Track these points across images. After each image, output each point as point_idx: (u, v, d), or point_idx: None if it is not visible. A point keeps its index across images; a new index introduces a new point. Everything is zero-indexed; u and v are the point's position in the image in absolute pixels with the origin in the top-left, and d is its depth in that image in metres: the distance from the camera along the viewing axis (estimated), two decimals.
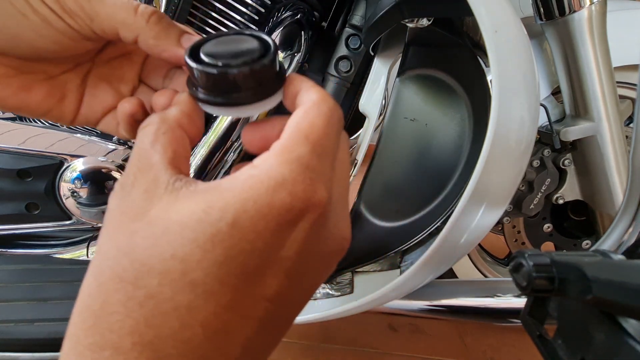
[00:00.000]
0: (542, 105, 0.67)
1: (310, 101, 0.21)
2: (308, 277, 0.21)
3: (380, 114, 0.68)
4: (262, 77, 0.22)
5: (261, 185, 0.17)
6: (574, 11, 0.59)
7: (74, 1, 0.23)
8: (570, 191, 0.71)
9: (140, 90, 0.30)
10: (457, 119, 0.57)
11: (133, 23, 0.25)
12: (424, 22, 0.54)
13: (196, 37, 0.26)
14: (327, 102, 0.21)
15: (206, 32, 0.66)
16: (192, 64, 0.22)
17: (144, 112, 0.27)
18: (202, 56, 0.22)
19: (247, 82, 0.22)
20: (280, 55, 0.22)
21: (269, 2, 0.67)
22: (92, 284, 0.19)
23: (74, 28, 0.24)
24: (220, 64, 0.22)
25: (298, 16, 0.66)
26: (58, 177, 0.62)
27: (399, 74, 0.59)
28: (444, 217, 0.55)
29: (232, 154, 0.67)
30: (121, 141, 0.65)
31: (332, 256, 0.22)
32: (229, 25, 0.66)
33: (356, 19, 0.68)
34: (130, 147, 0.65)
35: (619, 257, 0.24)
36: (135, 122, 0.27)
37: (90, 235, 0.70)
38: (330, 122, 0.20)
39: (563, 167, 0.70)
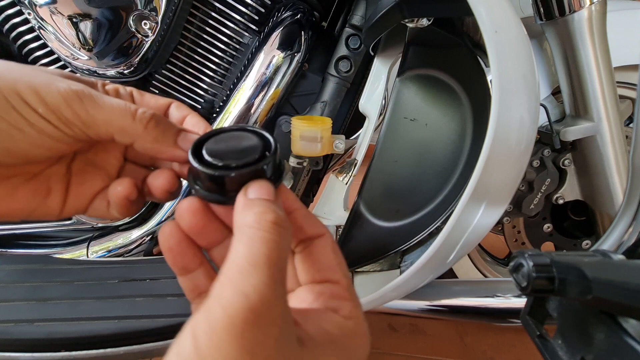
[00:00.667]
0: (542, 105, 0.67)
1: (334, 250, 0.25)
2: None
3: (380, 114, 0.68)
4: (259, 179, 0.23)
5: (365, 338, 0.23)
6: (574, 11, 0.59)
7: (71, 111, 0.22)
8: (570, 191, 0.71)
9: (127, 168, 0.29)
10: (457, 119, 0.57)
11: (131, 129, 0.24)
12: (424, 22, 0.53)
13: (193, 136, 0.26)
14: None
15: (206, 32, 0.66)
16: (196, 165, 0.23)
17: (138, 191, 0.26)
18: (205, 154, 0.23)
19: (244, 183, 0.23)
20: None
21: (269, 2, 0.67)
22: None
23: (70, 135, 0.23)
24: (220, 164, 0.22)
25: (298, 16, 0.66)
26: None
27: (399, 74, 0.59)
28: (444, 217, 0.55)
29: None
30: None
31: None
32: (229, 25, 0.66)
33: (356, 19, 0.68)
34: None
35: (619, 257, 0.24)
36: (130, 202, 0.26)
37: (90, 235, 0.70)
38: None
39: (563, 167, 0.69)
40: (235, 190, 0.23)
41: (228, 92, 0.68)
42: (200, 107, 0.71)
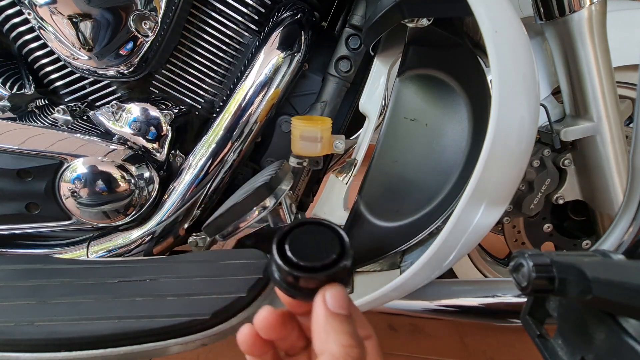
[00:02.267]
0: (542, 105, 0.67)
1: (379, 354, 0.26)
2: None
3: (380, 114, 0.68)
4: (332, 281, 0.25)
5: None
6: (574, 11, 0.59)
7: None
8: (570, 191, 0.71)
9: None
10: (457, 119, 0.57)
11: None
12: (424, 22, 0.53)
13: None
14: None
15: (206, 32, 0.66)
16: (279, 262, 0.25)
17: None
18: (287, 250, 0.25)
19: (322, 284, 0.25)
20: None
21: (269, 2, 0.67)
22: None
23: None
24: (302, 263, 0.25)
25: (298, 16, 0.66)
26: (58, 177, 0.62)
27: (399, 74, 0.59)
28: (444, 217, 0.55)
29: (232, 154, 0.67)
30: (121, 141, 0.65)
31: None
32: (229, 25, 0.66)
33: (356, 19, 0.68)
34: (131, 147, 0.65)
35: (619, 257, 0.24)
36: None
37: (90, 235, 0.70)
38: None
39: (563, 167, 0.69)
40: (312, 289, 0.25)
41: (228, 92, 0.68)
42: (200, 107, 0.71)
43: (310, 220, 0.27)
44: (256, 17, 0.67)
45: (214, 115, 0.68)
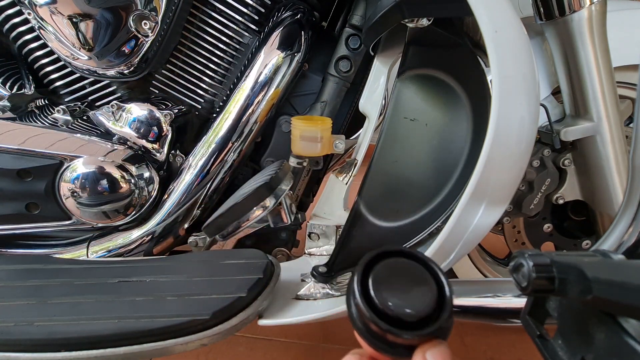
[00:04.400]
0: (542, 105, 0.67)
1: None
2: None
3: (380, 114, 0.68)
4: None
5: None
6: (574, 11, 0.59)
7: None
8: (570, 191, 0.71)
9: None
10: (457, 119, 0.57)
11: None
12: (424, 22, 0.53)
13: None
14: None
15: (206, 32, 0.66)
16: (366, 312, 0.20)
17: None
18: (373, 294, 0.20)
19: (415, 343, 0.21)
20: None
21: (269, 2, 0.67)
22: None
23: None
24: (393, 314, 0.20)
25: (298, 16, 0.66)
26: (58, 177, 0.62)
27: (399, 74, 0.59)
28: (444, 217, 0.55)
29: (232, 154, 0.67)
30: (121, 141, 0.65)
31: None
32: (229, 25, 0.66)
33: (356, 19, 0.68)
34: (131, 147, 0.65)
35: (619, 257, 0.24)
36: None
37: (90, 235, 0.70)
38: None
39: (563, 167, 0.69)
40: (407, 347, 0.21)
41: (228, 92, 0.68)
42: (200, 107, 0.71)
43: (396, 250, 0.22)
44: (256, 17, 0.67)
45: (214, 115, 0.68)
